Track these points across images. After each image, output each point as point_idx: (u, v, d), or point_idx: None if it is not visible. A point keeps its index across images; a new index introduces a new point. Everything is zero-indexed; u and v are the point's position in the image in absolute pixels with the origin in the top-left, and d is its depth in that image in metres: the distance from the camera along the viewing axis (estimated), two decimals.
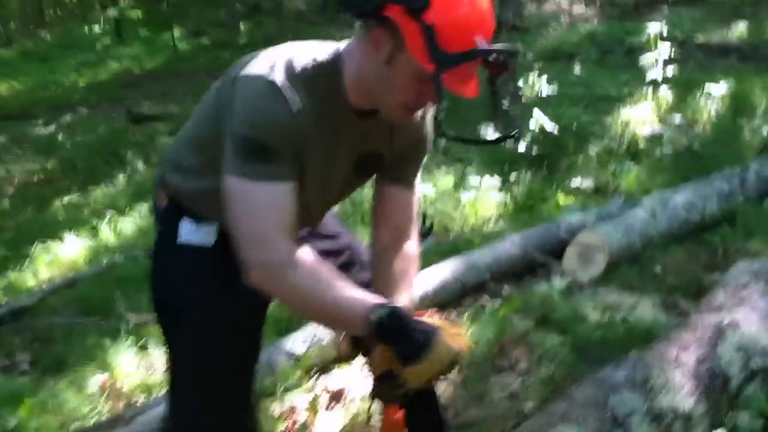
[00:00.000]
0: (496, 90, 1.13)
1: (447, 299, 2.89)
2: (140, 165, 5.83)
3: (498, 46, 1.29)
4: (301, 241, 1.39)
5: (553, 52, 9.44)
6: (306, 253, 1.36)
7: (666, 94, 5.39)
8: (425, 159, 1.64)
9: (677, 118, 4.98)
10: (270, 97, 1.30)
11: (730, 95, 5.25)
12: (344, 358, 2.60)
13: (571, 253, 3.09)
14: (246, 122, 1.29)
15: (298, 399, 2.41)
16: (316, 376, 2.54)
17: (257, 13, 18.20)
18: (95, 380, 2.64)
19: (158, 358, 2.77)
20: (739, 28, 9.20)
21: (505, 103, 1.25)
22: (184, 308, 1.52)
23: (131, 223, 4.41)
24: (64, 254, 4.01)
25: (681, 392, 1.82)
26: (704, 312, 2.13)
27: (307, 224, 1.57)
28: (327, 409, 2.37)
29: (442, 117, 1.33)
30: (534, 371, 2.40)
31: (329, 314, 1.41)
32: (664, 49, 5.30)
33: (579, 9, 13.32)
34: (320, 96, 1.35)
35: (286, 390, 2.44)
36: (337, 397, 2.44)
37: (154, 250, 1.59)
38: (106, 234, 4.25)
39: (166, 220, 1.54)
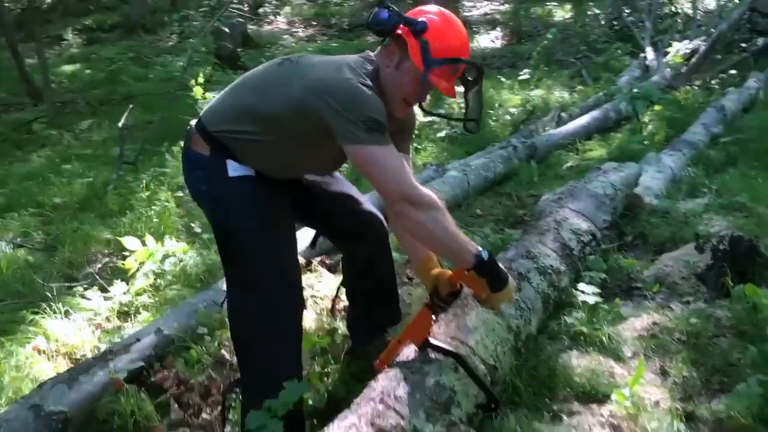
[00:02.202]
0: (466, 95, 1.79)
1: (329, 247, 3.50)
2: None
3: (470, 60, 1.99)
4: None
5: None
6: (438, 199, 1.91)
7: None
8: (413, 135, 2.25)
9: (440, 110, 6.13)
10: (371, 92, 1.87)
11: None
12: None
13: None
14: (367, 108, 1.83)
15: None
16: None
17: None
18: (38, 344, 2.81)
19: (82, 321, 3.00)
20: None
21: (472, 103, 1.97)
22: (247, 218, 2.00)
23: None
24: None
25: (550, 258, 2.73)
26: (543, 218, 3.09)
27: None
28: None
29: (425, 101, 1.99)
30: None
31: (448, 246, 1.92)
32: None
33: (297, 29, 14.48)
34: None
35: None
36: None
37: (208, 186, 2.04)
38: None
39: (213, 163, 2.01)
